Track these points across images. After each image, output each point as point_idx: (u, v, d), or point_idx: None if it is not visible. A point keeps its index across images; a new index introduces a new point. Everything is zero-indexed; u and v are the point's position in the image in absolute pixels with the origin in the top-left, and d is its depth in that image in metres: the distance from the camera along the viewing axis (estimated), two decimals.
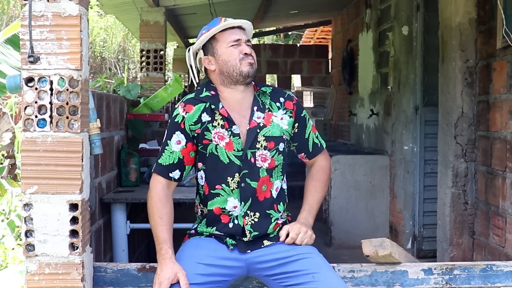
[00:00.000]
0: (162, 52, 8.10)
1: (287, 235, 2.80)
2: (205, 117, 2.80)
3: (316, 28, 13.01)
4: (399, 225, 6.31)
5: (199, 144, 2.81)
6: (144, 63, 8.13)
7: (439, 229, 4.97)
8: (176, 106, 2.87)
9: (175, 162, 2.80)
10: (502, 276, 2.96)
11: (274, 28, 13.61)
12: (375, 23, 7.33)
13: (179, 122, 2.80)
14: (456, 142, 4.69)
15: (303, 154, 2.99)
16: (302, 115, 2.94)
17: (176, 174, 2.81)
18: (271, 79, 15.55)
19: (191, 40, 11.86)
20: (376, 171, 6.71)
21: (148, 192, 2.82)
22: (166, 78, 8.36)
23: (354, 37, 8.66)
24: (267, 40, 18.04)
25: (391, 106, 6.54)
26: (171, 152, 2.80)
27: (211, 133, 2.78)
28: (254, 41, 15.88)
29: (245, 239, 2.80)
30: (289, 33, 16.56)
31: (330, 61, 11.62)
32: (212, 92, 2.85)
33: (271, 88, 2.94)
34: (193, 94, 2.89)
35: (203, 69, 2.95)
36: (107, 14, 14.81)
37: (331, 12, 10.14)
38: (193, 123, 2.79)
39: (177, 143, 2.80)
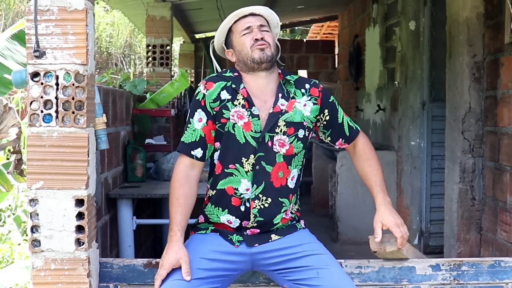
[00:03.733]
0: (168, 47, 8.08)
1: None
2: (225, 95, 2.77)
3: (323, 24, 12.97)
4: (405, 220, 6.25)
5: (217, 123, 2.77)
6: (150, 59, 8.11)
7: (446, 225, 4.96)
8: (199, 84, 2.86)
9: (197, 140, 2.76)
10: (510, 272, 2.93)
11: (280, 23, 13.58)
12: (382, 18, 7.31)
13: (200, 99, 2.79)
14: (463, 137, 4.67)
15: (340, 140, 2.96)
16: (330, 100, 2.92)
17: (198, 152, 2.76)
18: None
19: (197, 36, 11.85)
20: (383, 166, 6.54)
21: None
22: (172, 73, 8.35)
23: (360, 32, 8.63)
24: None
25: (398, 101, 6.52)
26: (193, 130, 2.77)
27: (229, 111, 2.75)
28: None
29: (246, 223, 2.76)
30: (295, 28, 16.53)
31: (336, 56, 11.59)
32: (236, 74, 2.85)
33: (297, 76, 2.91)
34: (217, 73, 2.91)
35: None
36: (113, 9, 14.81)
37: (337, 7, 10.11)
38: (212, 100, 2.77)
39: (198, 121, 2.77)
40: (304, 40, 13.49)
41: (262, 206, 2.76)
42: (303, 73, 12.12)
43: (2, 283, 4.24)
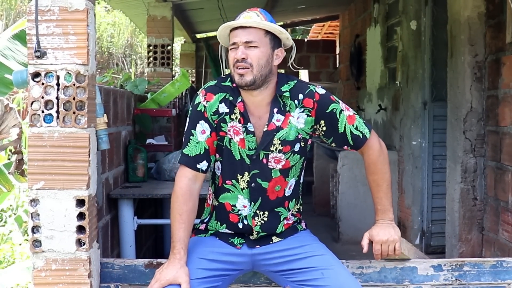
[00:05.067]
0: (169, 47, 8.09)
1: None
2: (223, 108, 2.69)
3: (324, 23, 12.97)
4: (407, 220, 6.29)
5: (217, 136, 2.71)
6: (151, 58, 8.13)
7: (448, 224, 4.95)
8: (198, 93, 2.76)
9: (201, 153, 2.69)
10: None
11: (282, 23, 13.58)
12: (383, 18, 7.30)
13: (202, 111, 2.70)
14: (465, 137, 4.66)
15: (346, 147, 2.79)
16: (328, 111, 2.72)
17: (203, 165, 2.69)
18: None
19: (198, 35, 11.85)
20: None
21: (174, 185, 2.72)
22: (173, 73, 8.35)
23: (362, 32, 8.62)
24: None
25: (399, 101, 6.51)
26: (197, 142, 2.69)
27: (227, 125, 2.69)
28: None
29: (251, 237, 2.76)
30: (296, 28, 16.53)
31: (337, 56, 11.58)
32: (234, 85, 2.71)
33: (294, 83, 2.74)
34: (216, 81, 2.77)
35: None
36: (114, 9, 14.81)
37: (338, 7, 10.10)
38: (212, 113, 2.69)
39: (202, 133, 2.69)
40: (305, 39, 13.50)
41: (262, 222, 2.75)
42: (304, 73, 12.12)
43: (3, 283, 4.24)
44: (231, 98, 2.70)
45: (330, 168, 7.63)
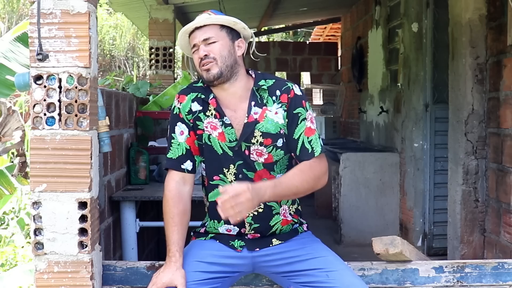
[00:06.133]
0: (171, 50, 8.10)
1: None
2: (196, 107, 2.75)
3: (326, 26, 12.98)
4: (409, 222, 6.29)
5: (196, 135, 2.76)
6: (153, 61, 8.14)
7: (450, 226, 4.95)
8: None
9: (184, 153, 2.75)
10: None
11: (283, 25, 13.60)
12: (385, 20, 7.31)
13: (177, 113, 2.77)
14: (466, 139, 4.67)
15: (292, 153, 2.76)
16: (295, 111, 2.72)
17: (188, 165, 2.75)
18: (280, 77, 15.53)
19: None
20: (386, 168, 6.69)
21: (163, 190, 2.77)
22: (175, 75, 8.36)
23: (363, 34, 8.63)
24: (276, 37, 18.04)
25: (401, 103, 6.52)
26: (178, 144, 2.75)
27: (203, 122, 2.74)
28: (263, 38, 15.86)
29: (244, 231, 2.75)
30: (298, 30, 16.54)
31: (339, 58, 11.59)
32: (206, 84, 2.78)
33: (273, 81, 2.77)
34: (188, 84, 2.87)
35: None
36: (116, 12, 14.82)
37: (340, 9, 10.11)
38: (186, 113, 2.76)
39: (180, 134, 2.75)
40: (307, 42, 13.52)
41: (256, 213, 2.74)
42: (305, 75, 12.13)
43: (6, 286, 4.25)
44: (203, 96, 2.76)
45: (332, 170, 7.63)
